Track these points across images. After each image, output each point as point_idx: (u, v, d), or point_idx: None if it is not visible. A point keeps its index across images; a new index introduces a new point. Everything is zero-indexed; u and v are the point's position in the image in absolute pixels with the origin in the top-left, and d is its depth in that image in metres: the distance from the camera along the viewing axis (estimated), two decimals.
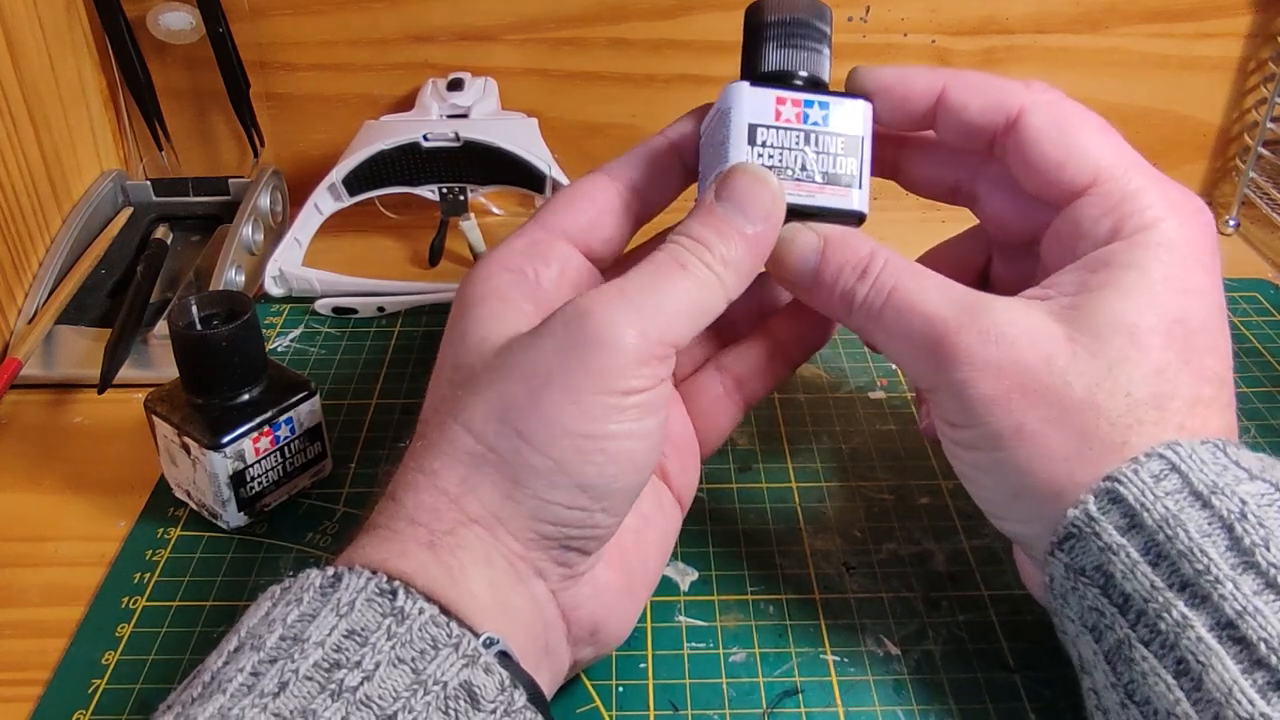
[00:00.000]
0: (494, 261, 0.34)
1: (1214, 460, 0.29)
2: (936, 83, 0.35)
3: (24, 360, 0.49)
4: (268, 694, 0.25)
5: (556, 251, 0.35)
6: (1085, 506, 0.29)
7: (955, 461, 0.34)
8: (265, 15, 0.61)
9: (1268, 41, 0.62)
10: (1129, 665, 0.28)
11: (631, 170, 0.36)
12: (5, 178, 0.52)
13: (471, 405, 0.30)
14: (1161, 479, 0.29)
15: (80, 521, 0.43)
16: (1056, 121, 0.33)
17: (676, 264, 0.31)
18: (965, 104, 0.34)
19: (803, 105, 0.34)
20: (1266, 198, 0.61)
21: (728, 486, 0.44)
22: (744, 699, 0.35)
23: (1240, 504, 0.28)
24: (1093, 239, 0.32)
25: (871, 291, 0.33)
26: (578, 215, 0.35)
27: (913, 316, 0.32)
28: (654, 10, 0.61)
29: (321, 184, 0.58)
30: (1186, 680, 0.26)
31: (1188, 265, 0.31)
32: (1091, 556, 0.29)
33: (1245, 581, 0.26)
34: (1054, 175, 0.33)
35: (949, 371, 0.31)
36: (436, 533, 0.29)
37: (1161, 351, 0.30)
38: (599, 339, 0.29)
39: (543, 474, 0.29)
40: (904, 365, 0.34)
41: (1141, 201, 0.32)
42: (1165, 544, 0.28)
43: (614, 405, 0.29)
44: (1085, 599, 0.30)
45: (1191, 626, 0.27)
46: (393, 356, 0.53)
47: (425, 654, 0.27)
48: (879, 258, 0.33)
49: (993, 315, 0.31)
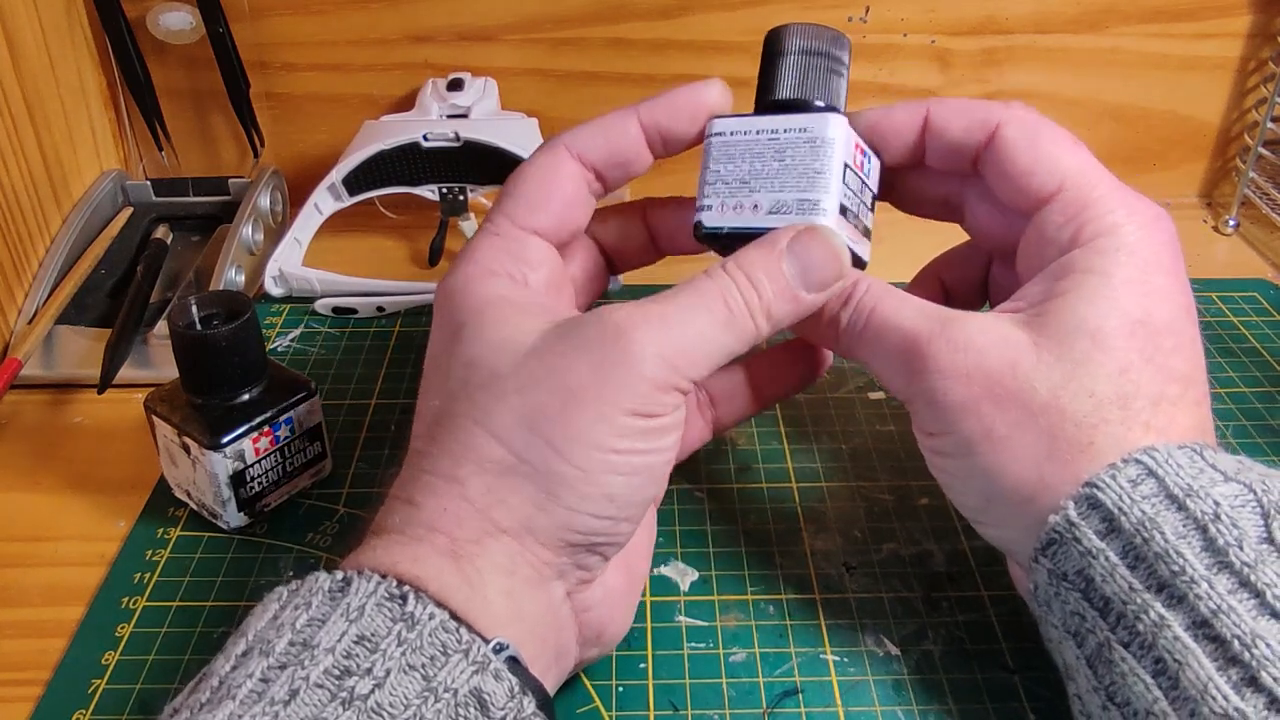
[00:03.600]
0: (479, 265, 0.34)
1: (1190, 464, 0.29)
2: (919, 112, 0.36)
3: (24, 360, 0.49)
4: (278, 701, 0.25)
5: (538, 254, 0.35)
6: (1066, 512, 0.30)
7: (934, 469, 0.35)
8: (265, 15, 0.61)
9: (1268, 41, 0.62)
10: (1109, 667, 0.28)
11: (596, 148, 0.36)
12: (5, 178, 0.52)
13: (498, 411, 0.30)
14: (1139, 483, 0.29)
15: (80, 521, 0.43)
16: (1028, 134, 0.34)
17: (722, 302, 0.32)
18: (948, 124, 0.35)
19: (864, 154, 0.35)
20: (1266, 198, 0.61)
21: (728, 486, 0.44)
22: (744, 699, 0.35)
23: (1214, 506, 0.28)
24: (1057, 245, 0.33)
25: (854, 314, 0.35)
26: (547, 213, 0.35)
27: (889, 333, 0.34)
28: (654, 10, 0.61)
29: (321, 184, 0.58)
30: (1164, 679, 0.27)
31: (1148, 269, 0.32)
32: (1073, 561, 0.30)
33: (1219, 581, 0.27)
34: (1023, 182, 0.34)
35: (922, 380, 0.33)
36: (460, 540, 0.29)
37: (1124, 352, 0.31)
38: (634, 363, 0.30)
39: (574, 485, 0.30)
40: (884, 379, 0.35)
41: (1102, 208, 0.33)
42: (1142, 546, 0.28)
43: (641, 426, 0.30)
44: (1067, 604, 0.30)
45: (1169, 626, 0.27)
46: (393, 356, 0.53)
47: (435, 660, 0.26)
48: (861, 285, 0.35)
49: (961, 326, 0.32)
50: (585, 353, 0.30)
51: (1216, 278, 0.58)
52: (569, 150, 0.35)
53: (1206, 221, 0.65)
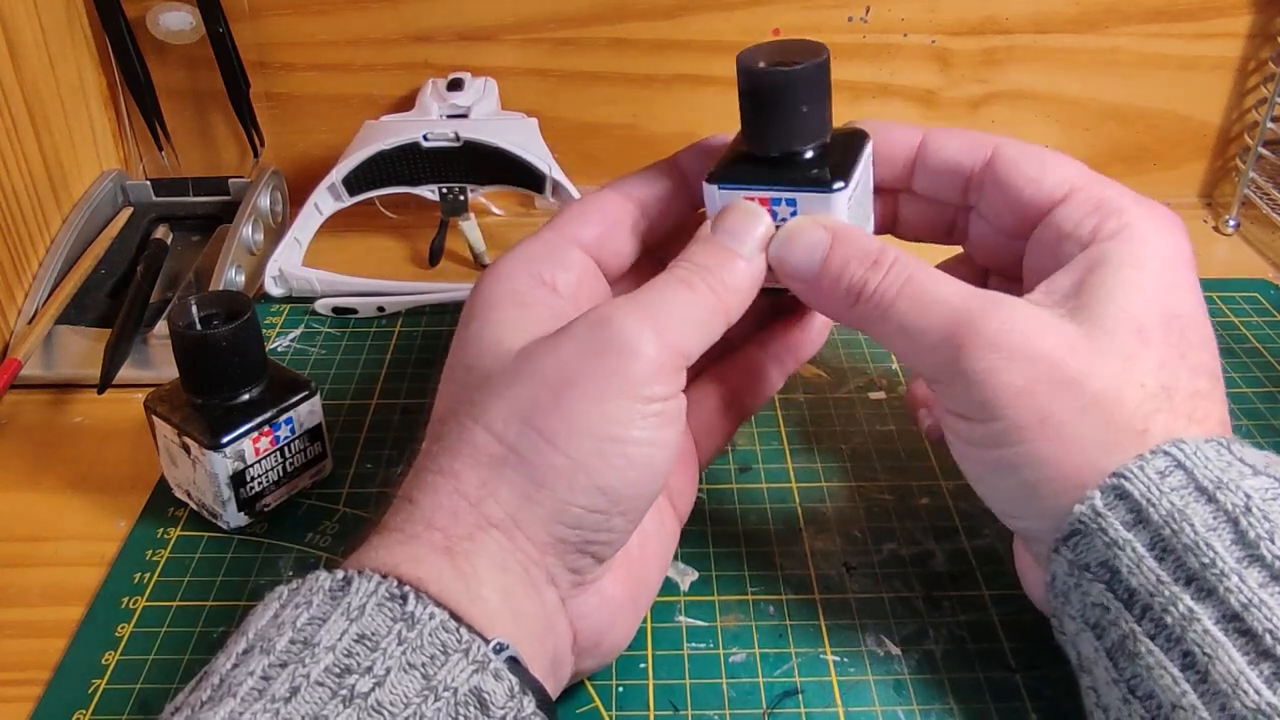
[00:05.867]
0: (512, 263, 0.35)
1: (1218, 457, 0.29)
2: (915, 135, 0.37)
3: (24, 360, 0.49)
4: (279, 699, 0.25)
5: (573, 258, 0.35)
6: (1092, 502, 0.30)
7: (964, 458, 0.33)
8: (265, 15, 0.61)
9: (1268, 41, 0.62)
10: (1132, 660, 0.28)
11: (642, 190, 0.37)
12: (5, 178, 0.52)
13: (492, 407, 0.31)
14: (1167, 475, 0.29)
15: (80, 521, 0.43)
16: (1027, 150, 0.36)
17: (682, 283, 0.32)
18: (944, 144, 0.37)
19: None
20: (1266, 198, 0.61)
21: (728, 486, 0.44)
22: (744, 699, 0.35)
23: (1245, 498, 0.28)
24: (1076, 239, 0.34)
25: (886, 280, 0.32)
26: (592, 226, 0.36)
27: (930, 305, 0.32)
28: (654, 10, 0.61)
29: (321, 184, 0.58)
30: (1193, 673, 0.27)
31: (1173, 263, 0.33)
32: (1096, 552, 0.30)
33: (1251, 574, 0.27)
34: (1034, 188, 0.35)
35: (969, 359, 0.31)
36: (454, 537, 0.29)
37: (1162, 346, 0.31)
38: (622, 344, 0.30)
39: (564, 474, 0.30)
40: (916, 357, 0.33)
41: (1118, 204, 0.34)
42: (1171, 538, 0.28)
43: (637, 411, 0.30)
44: (1089, 595, 0.30)
45: (1198, 619, 0.27)
46: (393, 356, 0.53)
47: (436, 659, 0.26)
48: (889, 251, 0.33)
49: (1011, 307, 0.32)
50: (573, 341, 0.31)
51: (1217, 278, 0.58)
52: (618, 191, 0.37)
53: (1206, 221, 0.65)
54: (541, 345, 0.31)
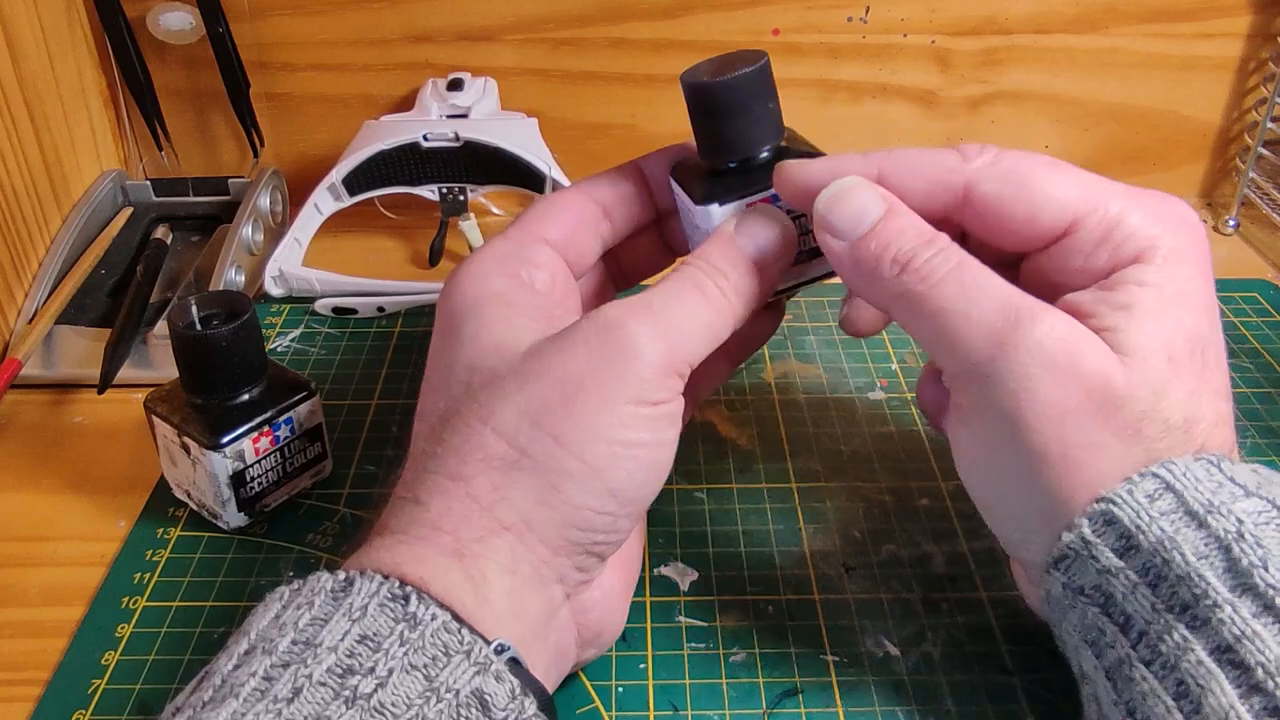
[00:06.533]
0: (487, 263, 0.35)
1: (1209, 477, 0.29)
2: (870, 170, 0.33)
3: (24, 360, 0.49)
4: (281, 699, 0.25)
5: (544, 256, 0.35)
6: (1080, 531, 0.29)
7: (968, 470, 0.32)
8: (265, 15, 0.61)
9: (1268, 41, 0.62)
10: (1129, 684, 0.28)
11: (606, 192, 0.37)
12: (5, 178, 0.52)
13: (501, 409, 0.30)
14: (1156, 499, 0.28)
15: (80, 521, 0.43)
16: (1008, 181, 0.32)
17: (694, 286, 0.32)
18: (908, 189, 0.33)
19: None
20: (1266, 198, 0.61)
21: (728, 486, 0.44)
22: (744, 699, 0.35)
23: (1237, 524, 0.27)
24: (1091, 272, 0.31)
25: (937, 259, 0.31)
26: (559, 225, 0.36)
27: (979, 295, 0.30)
28: (654, 10, 0.61)
29: (321, 184, 0.58)
30: (1186, 703, 0.26)
31: (1193, 276, 0.31)
32: (1089, 577, 0.29)
33: (1243, 605, 0.26)
34: (1029, 231, 0.32)
35: (1009, 362, 0.29)
36: (464, 540, 0.29)
37: (1189, 374, 0.30)
38: (631, 349, 0.30)
39: (578, 478, 0.30)
40: (947, 346, 0.31)
41: (1130, 224, 0.31)
42: (1162, 567, 0.28)
43: (644, 415, 0.30)
44: (1085, 616, 0.30)
45: (1192, 649, 0.27)
46: (393, 356, 0.53)
47: (437, 660, 0.27)
48: (943, 235, 0.32)
49: (1060, 318, 0.30)
50: (583, 345, 0.31)
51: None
52: (582, 192, 0.37)
53: (1207, 222, 0.65)
54: (549, 347, 0.31)
